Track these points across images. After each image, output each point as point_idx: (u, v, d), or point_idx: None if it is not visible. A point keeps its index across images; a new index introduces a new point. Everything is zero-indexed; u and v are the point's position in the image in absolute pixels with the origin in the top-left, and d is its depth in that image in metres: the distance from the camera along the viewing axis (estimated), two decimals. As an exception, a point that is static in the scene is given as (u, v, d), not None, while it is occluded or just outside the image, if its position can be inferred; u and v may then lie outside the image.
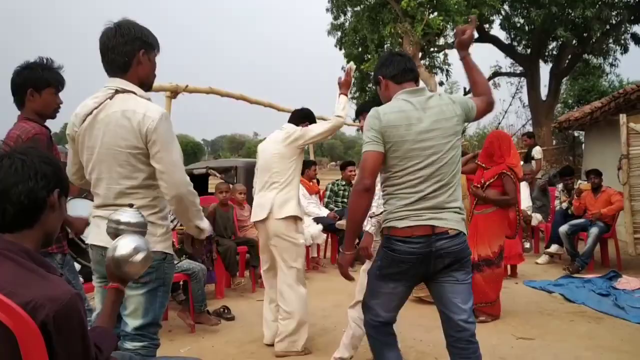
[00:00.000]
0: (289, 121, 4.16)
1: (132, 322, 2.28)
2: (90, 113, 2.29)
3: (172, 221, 3.07)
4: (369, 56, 16.41)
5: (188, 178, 2.34)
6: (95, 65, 2.42)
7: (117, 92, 2.28)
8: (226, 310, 4.91)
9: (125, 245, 1.78)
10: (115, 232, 1.92)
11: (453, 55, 17.57)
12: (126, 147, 2.24)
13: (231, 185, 6.64)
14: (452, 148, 2.48)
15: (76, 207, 3.11)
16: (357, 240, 2.93)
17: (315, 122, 4.15)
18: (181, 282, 4.70)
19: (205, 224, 2.48)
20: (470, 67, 2.70)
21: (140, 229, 1.95)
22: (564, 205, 7.65)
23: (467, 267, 2.56)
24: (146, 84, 2.41)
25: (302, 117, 4.17)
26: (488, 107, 2.66)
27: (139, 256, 1.78)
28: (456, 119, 2.49)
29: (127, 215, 1.95)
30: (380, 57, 2.78)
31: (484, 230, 4.79)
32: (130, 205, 2.00)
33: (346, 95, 3.95)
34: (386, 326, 2.70)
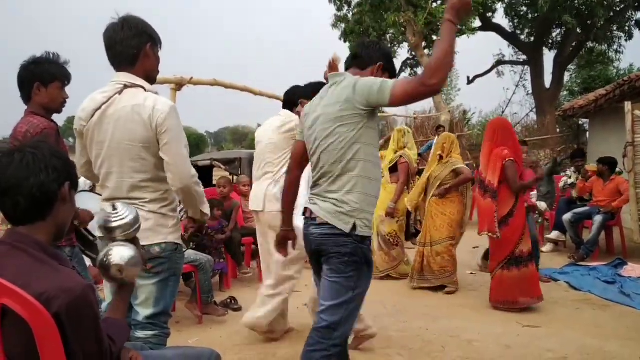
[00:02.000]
0: (284, 106, 3.97)
1: (143, 312, 2.32)
2: (99, 108, 2.30)
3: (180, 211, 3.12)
4: None
5: (194, 169, 2.39)
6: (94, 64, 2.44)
7: (125, 86, 2.30)
8: (233, 301, 4.95)
9: (108, 258, 1.74)
10: (109, 239, 1.85)
11: (459, 44, 17.47)
12: (138, 141, 2.27)
13: (236, 177, 6.63)
14: (331, 135, 2.32)
15: (84, 201, 3.13)
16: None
17: (310, 97, 3.66)
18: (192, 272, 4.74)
19: (207, 209, 2.52)
20: (442, 35, 2.15)
21: (132, 228, 1.84)
22: (570, 180, 7.66)
23: (332, 265, 2.31)
24: (151, 78, 2.43)
25: (295, 98, 3.85)
26: (418, 87, 2.12)
27: (125, 268, 1.73)
28: (339, 105, 2.30)
29: (115, 219, 1.83)
30: (383, 45, 2.68)
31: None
32: (113, 206, 1.87)
33: None
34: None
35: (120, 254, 1.75)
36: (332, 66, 3.43)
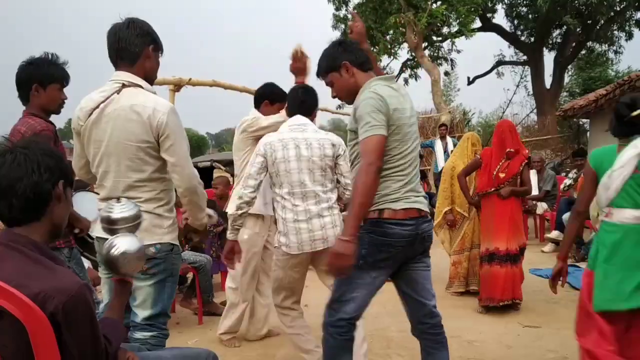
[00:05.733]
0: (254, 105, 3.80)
1: (141, 313, 2.32)
2: (97, 107, 2.30)
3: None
4: (376, 48, 16.38)
5: (196, 171, 2.40)
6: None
7: (124, 85, 2.29)
8: (233, 303, 4.93)
9: (114, 247, 1.73)
10: (109, 231, 1.84)
11: (459, 44, 17.46)
12: (136, 141, 2.26)
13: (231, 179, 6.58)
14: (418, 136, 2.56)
15: (82, 201, 3.12)
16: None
17: (277, 100, 3.66)
18: (187, 275, 4.72)
19: (206, 220, 2.53)
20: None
21: (134, 222, 1.86)
22: (568, 182, 7.70)
23: (428, 254, 2.60)
24: (149, 80, 2.43)
25: (258, 97, 3.78)
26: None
27: (130, 256, 1.72)
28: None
29: (118, 211, 1.85)
30: (337, 44, 2.60)
31: (518, 220, 4.81)
32: (118, 199, 1.91)
33: (303, 82, 3.37)
34: (353, 326, 2.52)
35: (127, 242, 1.74)
36: (296, 58, 3.40)
